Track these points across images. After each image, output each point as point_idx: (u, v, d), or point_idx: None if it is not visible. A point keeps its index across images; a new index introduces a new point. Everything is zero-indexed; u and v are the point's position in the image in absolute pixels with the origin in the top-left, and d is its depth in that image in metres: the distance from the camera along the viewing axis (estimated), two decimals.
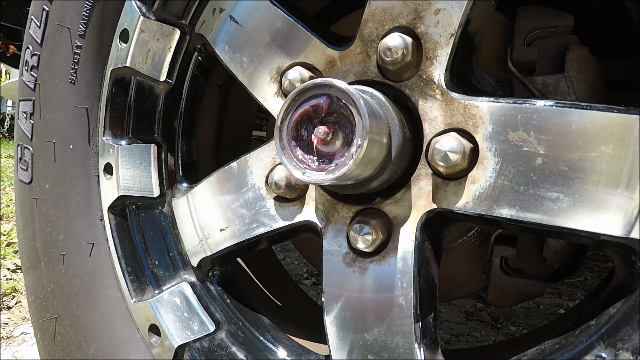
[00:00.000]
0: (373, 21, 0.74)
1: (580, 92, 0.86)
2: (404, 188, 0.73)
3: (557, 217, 0.63)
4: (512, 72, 0.91)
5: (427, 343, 0.73)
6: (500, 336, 1.92)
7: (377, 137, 0.63)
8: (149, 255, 1.01)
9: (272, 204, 0.85)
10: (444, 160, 0.67)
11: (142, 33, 0.94)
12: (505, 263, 0.99)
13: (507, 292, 0.99)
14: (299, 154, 0.63)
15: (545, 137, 0.64)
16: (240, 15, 0.86)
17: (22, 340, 1.79)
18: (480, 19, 0.72)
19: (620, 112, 0.61)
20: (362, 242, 0.74)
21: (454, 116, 0.69)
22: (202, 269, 0.98)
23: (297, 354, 0.92)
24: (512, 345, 0.97)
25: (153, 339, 0.96)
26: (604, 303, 0.67)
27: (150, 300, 0.97)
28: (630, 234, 0.60)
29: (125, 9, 0.95)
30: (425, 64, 0.71)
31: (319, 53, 0.80)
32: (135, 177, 0.99)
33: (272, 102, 0.84)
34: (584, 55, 0.87)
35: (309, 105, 0.62)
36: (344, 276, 0.77)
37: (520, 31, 0.91)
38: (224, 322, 0.95)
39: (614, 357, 0.62)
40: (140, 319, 0.97)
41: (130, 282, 0.99)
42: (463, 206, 0.69)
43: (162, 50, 0.95)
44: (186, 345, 0.93)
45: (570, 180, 0.62)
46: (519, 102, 0.66)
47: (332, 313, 0.78)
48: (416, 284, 0.72)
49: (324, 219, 0.80)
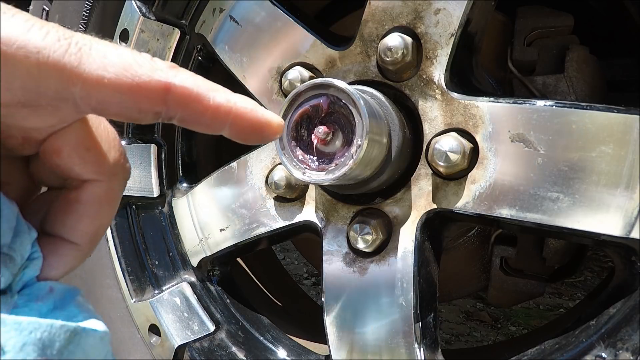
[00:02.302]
0: (373, 21, 0.74)
1: (580, 92, 0.86)
2: (404, 188, 0.73)
3: (557, 217, 0.64)
4: (512, 72, 0.91)
5: (427, 343, 0.73)
6: (500, 336, 1.92)
7: (377, 137, 0.63)
8: (149, 255, 1.01)
9: (272, 204, 0.85)
10: (444, 160, 0.67)
11: (142, 33, 0.94)
12: (505, 263, 0.99)
13: (507, 292, 0.99)
14: (299, 154, 0.63)
15: (545, 137, 0.64)
16: (240, 15, 0.86)
17: None
18: (480, 19, 0.72)
19: (620, 112, 0.61)
20: (362, 242, 0.74)
21: (454, 116, 0.69)
22: (202, 269, 0.98)
23: (297, 354, 0.92)
24: (512, 345, 0.98)
25: (153, 339, 0.96)
26: (604, 303, 0.67)
27: (150, 300, 0.97)
28: (630, 234, 0.60)
29: (125, 9, 0.95)
30: (425, 64, 0.71)
31: (319, 53, 0.80)
32: (135, 177, 0.99)
33: (272, 102, 0.84)
34: (584, 55, 0.87)
35: (309, 105, 0.62)
36: (344, 276, 0.77)
37: (520, 31, 0.91)
38: (224, 322, 0.95)
39: (614, 357, 0.62)
40: (140, 319, 0.97)
41: (130, 282, 0.99)
42: (463, 206, 0.69)
43: (162, 50, 0.95)
44: (186, 345, 0.93)
45: (570, 180, 0.63)
46: (519, 102, 0.66)
47: (332, 313, 0.78)
48: (416, 284, 0.72)
49: (324, 219, 0.80)
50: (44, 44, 0.28)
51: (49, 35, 0.28)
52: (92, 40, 0.30)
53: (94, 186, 0.35)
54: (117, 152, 0.35)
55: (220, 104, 0.32)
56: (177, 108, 0.31)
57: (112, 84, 0.29)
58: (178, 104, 0.31)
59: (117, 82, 0.30)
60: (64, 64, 0.28)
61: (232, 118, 0.33)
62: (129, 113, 0.31)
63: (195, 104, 0.32)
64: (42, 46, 0.28)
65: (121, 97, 0.30)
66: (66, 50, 0.29)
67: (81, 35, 0.30)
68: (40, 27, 0.29)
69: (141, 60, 0.31)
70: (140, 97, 0.30)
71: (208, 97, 0.32)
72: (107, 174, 0.35)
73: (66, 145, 0.33)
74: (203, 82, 0.32)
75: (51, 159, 0.33)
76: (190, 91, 0.31)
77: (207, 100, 0.32)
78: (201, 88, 0.32)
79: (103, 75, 0.29)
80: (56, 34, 0.29)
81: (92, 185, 0.35)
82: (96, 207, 0.35)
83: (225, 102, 0.32)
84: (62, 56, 0.28)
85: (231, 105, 0.33)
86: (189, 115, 0.32)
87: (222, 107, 0.32)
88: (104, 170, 0.35)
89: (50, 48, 0.28)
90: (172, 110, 0.31)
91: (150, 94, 0.30)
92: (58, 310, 0.32)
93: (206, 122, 0.32)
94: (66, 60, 0.29)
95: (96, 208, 0.35)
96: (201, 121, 0.32)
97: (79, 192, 0.35)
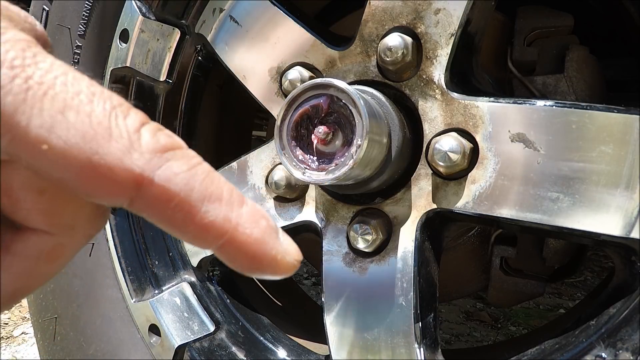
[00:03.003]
0: (373, 21, 0.74)
1: (580, 92, 0.86)
2: (404, 188, 0.73)
3: (557, 217, 0.64)
4: (512, 72, 0.91)
5: (427, 343, 0.73)
6: (500, 336, 1.92)
7: (377, 137, 0.63)
8: (149, 255, 1.01)
9: (272, 204, 0.85)
10: (444, 160, 0.67)
11: (142, 33, 0.94)
12: (505, 263, 0.99)
13: (507, 292, 0.99)
14: (299, 154, 0.63)
15: (545, 137, 0.64)
16: (240, 15, 0.86)
17: (22, 340, 1.79)
18: (480, 19, 0.72)
19: (620, 112, 0.61)
20: (362, 242, 0.74)
21: (454, 116, 0.69)
22: (202, 269, 0.98)
23: (297, 354, 0.92)
24: (512, 345, 0.97)
25: (153, 339, 0.96)
26: (604, 303, 0.67)
27: (150, 300, 0.97)
28: (630, 234, 0.60)
29: (125, 9, 0.95)
30: (425, 64, 0.71)
31: (319, 53, 0.80)
32: None
33: (272, 102, 0.84)
34: (583, 55, 0.87)
35: (309, 105, 0.62)
36: (344, 276, 0.77)
37: (520, 31, 0.91)
38: (224, 322, 0.95)
39: (614, 357, 0.62)
40: (140, 319, 0.97)
41: (130, 282, 0.99)
42: (463, 206, 0.69)
43: (162, 50, 0.95)
44: (186, 345, 0.93)
45: (570, 180, 0.63)
46: (519, 102, 0.66)
47: (332, 313, 0.78)
48: (416, 284, 0.72)
49: (324, 219, 0.80)
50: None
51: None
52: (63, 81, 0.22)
53: (37, 238, 0.26)
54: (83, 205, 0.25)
55: (214, 223, 0.24)
56: (146, 210, 0.23)
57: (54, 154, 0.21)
58: (149, 206, 0.23)
59: (63, 153, 0.21)
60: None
61: (225, 241, 0.24)
62: (73, 191, 0.23)
63: (176, 213, 0.23)
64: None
65: (65, 174, 0.21)
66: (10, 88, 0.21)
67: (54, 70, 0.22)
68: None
69: (119, 132, 0.22)
70: (94, 183, 0.22)
71: (198, 209, 0.23)
72: (62, 227, 0.26)
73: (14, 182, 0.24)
74: (200, 183, 0.24)
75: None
76: (173, 196, 0.23)
77: (196, 213, 0.23)
78: (193, 196, 0.23)
79: (45, 138, 0.21)
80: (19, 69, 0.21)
81: (36, 236, 0.26)
82: (28, 265, 0.26)
83: (221, 223, 0.24)
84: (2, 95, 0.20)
85: (229, 228, 0.24)
86: (163, 222, 0.24)
87: (215, 227, 0.24)
88: (58, 222, 0.25)
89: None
90: (138, 209, 0.23)
91: (110, 184, 0.22)
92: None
93: (186, 237, 0.24)
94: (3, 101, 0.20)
95: (28, 265, 0.26)
96: (179, 233, 0.24)
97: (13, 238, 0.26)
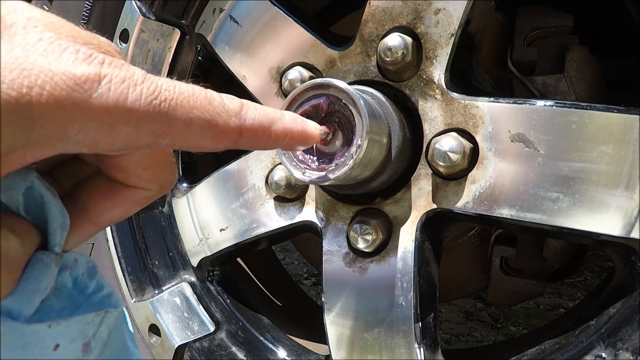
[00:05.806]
0: (373, 21, 0.74)
1: (580, 92, 0.86)
2: (404, 188, 0.73)
3: (557, 217, 0.64)
4: (512, 72, 0.91)
5: (427, 343, 0.73)
6: (500, 336, 1.92)
7: (377, 137, 0.63)
8: (149, 255, 1.01)
9: (272, 204, 0.85)
10: (444, 160, 0.67)
11: (142, 33, 0.94)
12: (505, 263, 0.99)
13: (507, 292, 0.99)
14: (298, 154, 0.63)
15: (545, 137, 0.64)
16: (240, 15, 0.86)
17: None
18: (480, 19, 0.72)
19: (620, 112, 0.61)
20: (362, 242, 0.74)
21: (454, 116, 0.69)
22: (202, 269, 0.98)
23: (297, 354, 0.92)
24: (512, 345, 0.97)
25: (153, 339, 0.96)
26: (604, 303, 0.67)
27: (150, 300, 0.97)
28: (630, 234, 0.60)
29: (125, 9, 0.95)
30: (425, 64, 0.71)
31: (319, 53, 0.80)
32: None
33: (272, 102, 0.84)
34: (583, 55, 0.87)
35: (309, 105, 0.62)
36: (344, 276, 0.77)
37: (520, 31, 0.91)
38: (224, 322, 0.95)
39: (614, 357, 0.62)
40: (140, 319, 0.97)
41: (130, 282, 0.99)
42: (463, 206, 0.69)
43: (162, 50, 0.95)
44: (186, 345, 0.93)
45: (570, 180, 0.63)
46: (519, 102, 0.66)
47: (332, 313, 0.78)
48: (416, 284, 0.72)
49: (324, 219, 0.80)
50: (137, 105, 0.31)
51: (142, 96, 0.31)
52: (177, 92, 0.33)
53: (142, 191, 0.39)
54: (170, 172, 0.40)
55: (280, 133, 0.39)
56: (245, 144, 0.37)
57: (196, 135, 0.34)
58: (247, 141, 0.37)
59: (200, 133, 0.34)
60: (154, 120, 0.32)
61: (287, 140, 0.40)
62: (203, 149, 0.36)
63: (260, 139, 0.38)
64: (141, 111, 0.31)
65: (201, 143, 0.35)
66: (157, 107, 0.32)
67: (166, 86, 0.33)
68: (133, 89, 0.31)
69: (219, 110, 0.35)
70: (218, 141, 0.35)
71: (270, 131, 0.38)
72: (157, 188, 0.39)
73: (128, 164, 0.37)
74: (266, 116, 0.38)
75: (111, 170, 0.37)
76: (257, 130, 0.37)
77: (270, 133, 0.38)
78: (264, 124, 0.38)
79: (189, 128, 0.33)
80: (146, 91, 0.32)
81: (142, 190, 0.39)
82: (133, 205, 0.39)
83: (283, 132, 0.39)
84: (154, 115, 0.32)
85: (288, 132, 0.40)
86: (254, 146, 0.38)
87: (281, 135, 0.39)
88: (156, 185, 0.39)
89: (141, 107, 0.31)
90: (240, 145, 0.37)
91: (225, 139, 0.36)
92: (89, 279, 0.37)
93: (266, 147, 0.39)
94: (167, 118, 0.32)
95: (133, 205, 0.39)
96: (262, 147, 0.39)
97: (127, 189, 0.38)
